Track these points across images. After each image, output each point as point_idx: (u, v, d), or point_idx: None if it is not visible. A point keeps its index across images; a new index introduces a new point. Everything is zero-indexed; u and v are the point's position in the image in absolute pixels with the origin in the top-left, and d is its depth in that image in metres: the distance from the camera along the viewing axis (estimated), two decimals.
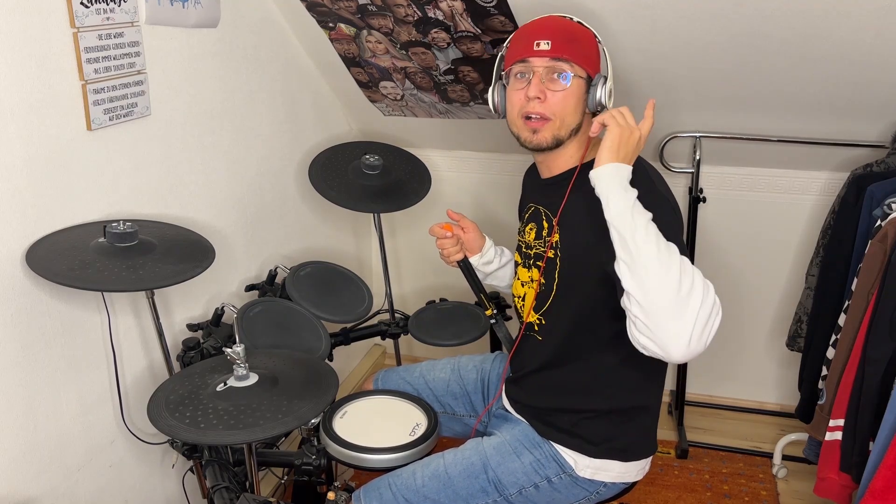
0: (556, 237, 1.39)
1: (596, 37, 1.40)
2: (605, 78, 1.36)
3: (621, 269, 1.17)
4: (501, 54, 1.44)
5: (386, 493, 1.39)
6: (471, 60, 1.98)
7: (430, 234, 1.56)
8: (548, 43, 1.32)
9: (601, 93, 1.35)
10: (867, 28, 1.59)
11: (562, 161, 1.41)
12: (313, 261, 1.99)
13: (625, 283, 1.17)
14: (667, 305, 1.13)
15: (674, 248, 1.17)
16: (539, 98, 1.33)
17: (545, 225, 1.44)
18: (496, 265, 1.65)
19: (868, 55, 1.68)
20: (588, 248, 1.29)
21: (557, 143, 1.36)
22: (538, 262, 1.44)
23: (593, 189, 1.24)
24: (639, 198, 1.22)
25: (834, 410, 1.73)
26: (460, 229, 1.57)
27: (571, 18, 1.40)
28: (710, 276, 2.51)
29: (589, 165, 1.32)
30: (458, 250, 1.57)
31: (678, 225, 1.31)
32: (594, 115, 1.40)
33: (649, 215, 1.19)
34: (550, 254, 1.41)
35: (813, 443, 1.94)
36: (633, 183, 1.24)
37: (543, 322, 1.45)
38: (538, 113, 1.33)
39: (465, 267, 1.58)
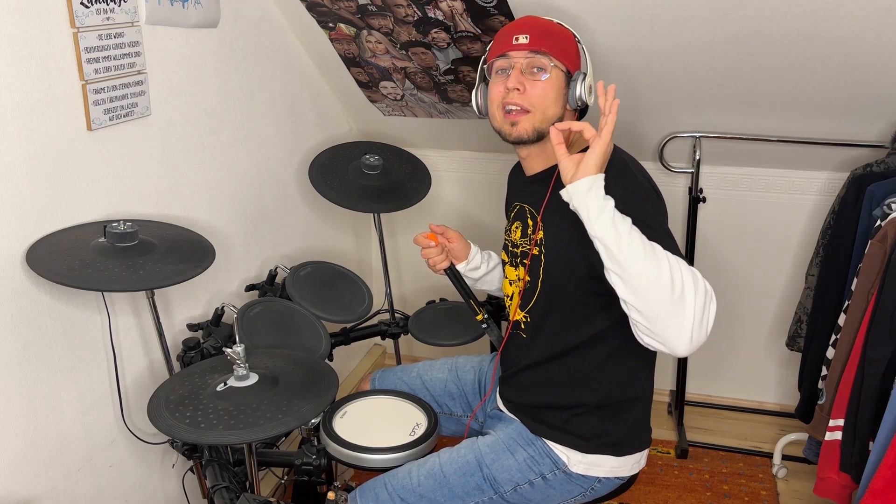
0: (541, 234, 1.41)
1: (575, 36, 1.42)
2: (585, 74, 1.38)
3: (613, 279, 1.19)
4: (484, 56, 1.47)
5: (382, 492, 1.39)
6: (471, 60, 1.98)
7: (415, 243, 1.57)
8: (526, 37, 1.36)
9: (581, 88, 1.37)
10: (867, 28, 1.59)
11: (544, 157, 1.43)
12: (313, 261, 1.99)
13: (619, 293, 1.18)
14: (664, 308, 1.14)
15: (658, 248, 1.17)
16: (518, 89, 1.35)
17: (530, 223, 1.45)
18: (484, 270, 1.66)
19: (868, 55, 1.68)
20: (572, 245, 1.30)
21: (539, 136, 1.38)
22: (524, 260, 1.46)
23: None
24: (620, 192, 1.23)
25: (834, 410, 1.73)
26: (445, 239, 1.59)
27: (551, 20, 1.44)
28: (710, 275, 2.51)
29: None
30: (444, 258, 1.58)
31: (663, 212, 1.34)
32: (576, 111, 1.43)
33: (629, 221, 1.19)
34: (535, 251, 1.42)
35: (813, 443, 1.94)
36: (612, 176, 1.24)
37: (529, 320, 1.46)
38: (517, 104, 1.35)
39: (452, 274, 1.60)
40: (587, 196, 1.19)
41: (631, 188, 1.29)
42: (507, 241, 1.54)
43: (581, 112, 1.47)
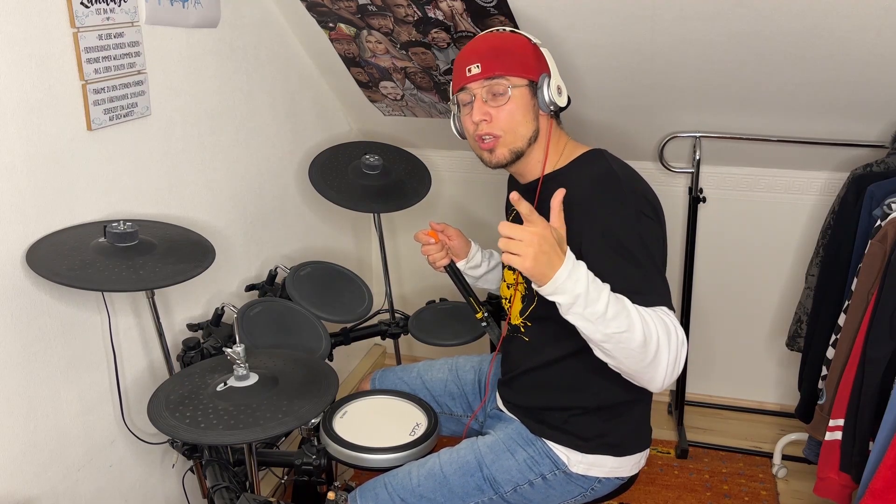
0: None
1: (531, 40, 1.41)
2: (549, 77, 1.37)
3: (590, 344, 1.21)
4: (452, 84, 1.47)
5: (382, 492, 1.39)
6: None
7: (415, 240, 1.57)
8: (478, 66, 1.35)
9: (548, 92, 1.36)
10: (867, 28, 1.59)
11: (531, 167, 1.43)
12: (313, 261, 1.99)
13: (596, 353, 1.21)
14: (638, 369, 1.19)
15: (634, 315, 1.15)
16: (485, 119, 1.36)
17: None
18: (485, 269, 1.66)
19: (868, 55, 1.68)
20: None
21: (517, 156, 1.39)
22: None
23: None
24: (605, 218, 1.23)
25: (834, 410, 1.73)
26: (445, 236, 1.59)
27: (503, 30, 1.43)
28: (710, 276, 2.49)
29: (552, 175, 1.37)
30: (444, 256, 1.58)
31: (653, 230, 1.30)
32: (552, 115, 1.41)
33: (605, 296, 1.15)
34: None
35: (813, 443, 1.94)
36: (599, 194, 1.25)
37: (529, 324, 1.46)
38: (488, 133, 1.36)
39: (453, 272, 1.60)
40: (554, 296, 1.16)
41: (617, 210, 1.27)
42: None
43: (557, 113, 1.44)
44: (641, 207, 1.29)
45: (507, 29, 1.44)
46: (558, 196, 1.23)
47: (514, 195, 1.19)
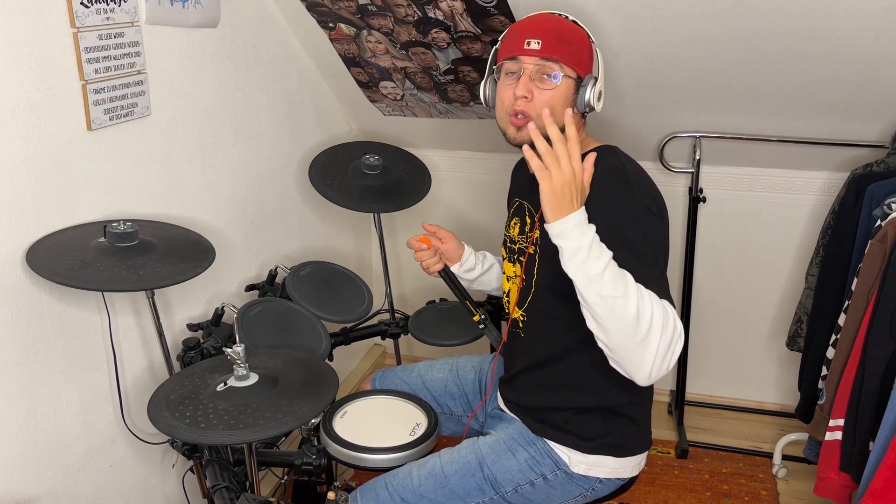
0: (537, 233, 1.40)
1: (590, 37, 1.40)
2: (596, 79, 1.36)
3: (584, 311, 1.21)
4: (495, 48, 1.44)
5: (382, 492, 1.39)
6: (471, 60, 1.98)
7: (408, 247, 1.57)
8: (538, 42, 1.33)
9: (590, 94, 1.35)
10: (867, 27, 1.60)
11: None
12: (313, 261, 1.99)
13: (588, 324, 1.22)
14: (627, 346, 1.18)
15: (631, 287, 1.17)
16: (526, 97, 1.34)
17: (528, 220, 1.45)
18: (478, 271, 1.66)
19: (868, 55, 1.68)
20: None
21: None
22: (520, 258, 1.45)
23: None
24: (612, 210, 1.24)
25: (834, 410, 1.73)
26: (438, 240, 1.58)
27: (566, 17, 1.40)
28: (710, 276, 2.48)
29: None
30: (438, 261, 1.58)
31: (657, 228, 1.31)
32: (583, 115, 1.41)
33: (606, 258, 1.18)
34: (531, 250, 1.42)
35: (813, 443, 1.94)
36: (606, 187, 1.25)
37: (526, 318, 1.46)
38: (523, 111, 1.34)
39: (447, 276, 1.60)
40: (558, 237, 1.20)
41: (624, 204, 1.27)
42: (507, 237, 1.54)
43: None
44: (647, 204, 1.30)
45: (571, 18, 1.41)
46: (591, 158, 1.26)
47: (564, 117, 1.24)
